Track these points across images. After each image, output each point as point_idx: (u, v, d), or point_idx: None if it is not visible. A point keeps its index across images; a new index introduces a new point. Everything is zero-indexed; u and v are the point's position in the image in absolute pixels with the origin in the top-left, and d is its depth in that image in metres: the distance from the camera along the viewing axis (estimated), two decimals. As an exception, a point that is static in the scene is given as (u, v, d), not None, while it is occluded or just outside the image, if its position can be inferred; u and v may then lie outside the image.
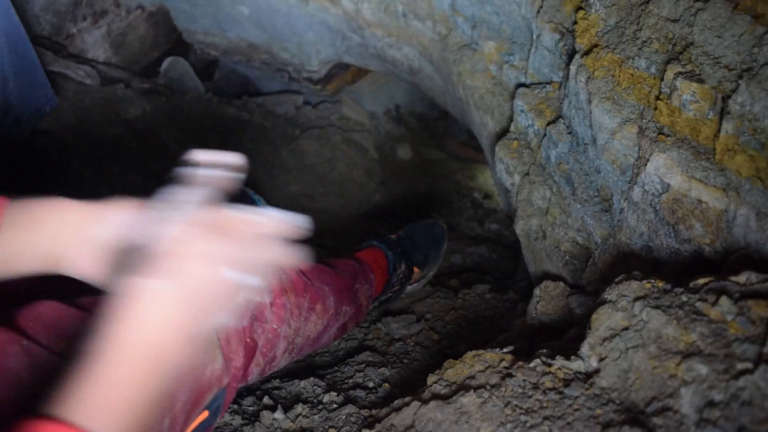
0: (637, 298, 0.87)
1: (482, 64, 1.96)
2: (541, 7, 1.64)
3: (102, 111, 2.54)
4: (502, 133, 1.80)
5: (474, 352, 1.01)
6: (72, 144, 2.29)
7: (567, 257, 1.42)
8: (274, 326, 1.19)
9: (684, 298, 0.83)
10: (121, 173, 2.30)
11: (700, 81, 1.05)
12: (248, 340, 1.12)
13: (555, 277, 1.43)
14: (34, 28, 2.69)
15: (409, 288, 1.79)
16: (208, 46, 3.24)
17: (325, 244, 2.41)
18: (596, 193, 1.36)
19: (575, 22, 1.45)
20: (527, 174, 1.57)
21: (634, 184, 1.17)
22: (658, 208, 1.11)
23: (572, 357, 0.90)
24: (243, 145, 2.91)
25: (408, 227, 1.87)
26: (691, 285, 0.86)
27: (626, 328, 0.84)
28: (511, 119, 1.75)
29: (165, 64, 3.17)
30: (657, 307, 0.83)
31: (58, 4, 2.84)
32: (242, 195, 1.92)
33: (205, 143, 2.73)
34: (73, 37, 2.98)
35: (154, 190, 0.69)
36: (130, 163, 2.38)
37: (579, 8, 1.48)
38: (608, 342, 0.85)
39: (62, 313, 0.77)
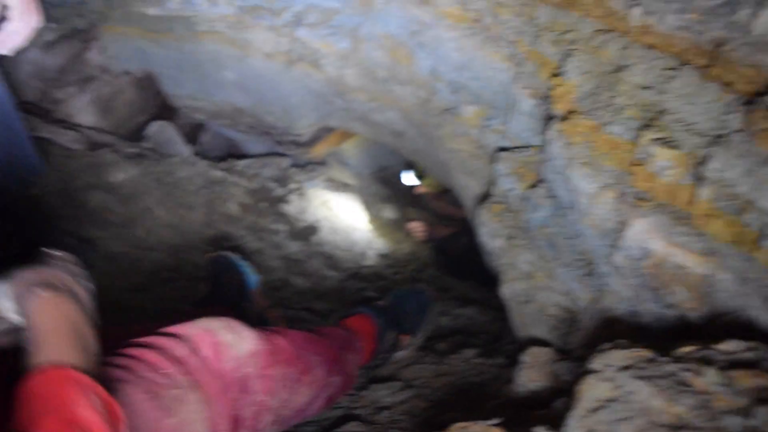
0: (622, 368, 0.86)
1: (463, 128, 2.00)
2: (518, 73, 1.68)
3: (87, 176, 2.54)
4: (485, 196, 1.82)
5: (460, 425, 0.99)
6: (56, 209, 2.28)
7: (553, 321, 1.42)
8: (261, 398, 1.17)
9: (669, 368, 0.82)
10: (104, 238, 2.28)
11: (675, 147, 1.08)
12: (234, 412, 1.10)
13: (542, 342, 1.42)
14: (22, 94, 2.71)
15: (396, 355, 1.76)
16: (194, 110, 3.28)
17: (313, 308, 2.38)
18: (579, 257, 1.36)
19: (551, 88, 1.49)
20: (510, 238, 1.57)
21: (616, 248, 1.17)
22: (640, 273, 1.11)
23: (560, 430, 0.88)
24: (228, 207, 2.91)
25: (396, 293, 1.86)
26: (676, 354, 0.86)
27: (612, 400, 0.83)
28: (492, 182, 1.77)
29: (151, 128, 3.19)
30: (643, 377, 0.82)
31: (45, 71, 2.87)
32: (224, 260, 1.91)
33: (191, 207, 2.73)
34: (61, 103, 3.00)
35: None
36: (113, 228, 2.36)
37: (554, 75, 1.52)
38: (594, 414, 0.84)
39: None
